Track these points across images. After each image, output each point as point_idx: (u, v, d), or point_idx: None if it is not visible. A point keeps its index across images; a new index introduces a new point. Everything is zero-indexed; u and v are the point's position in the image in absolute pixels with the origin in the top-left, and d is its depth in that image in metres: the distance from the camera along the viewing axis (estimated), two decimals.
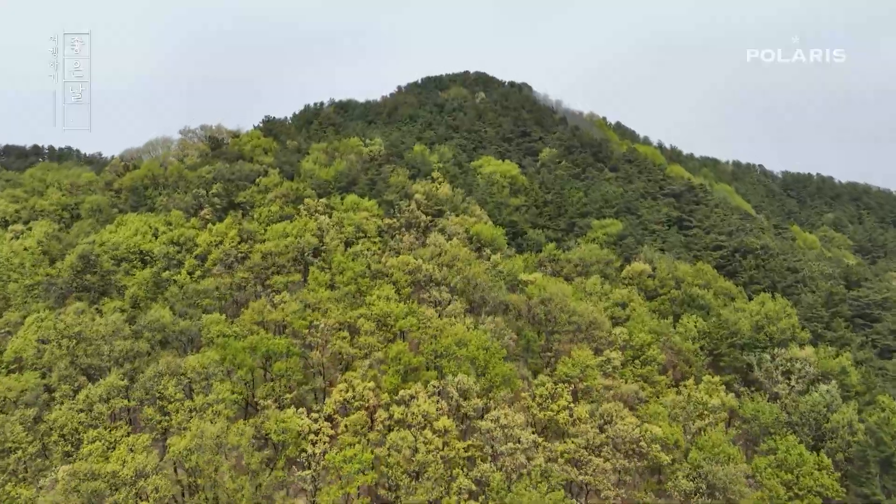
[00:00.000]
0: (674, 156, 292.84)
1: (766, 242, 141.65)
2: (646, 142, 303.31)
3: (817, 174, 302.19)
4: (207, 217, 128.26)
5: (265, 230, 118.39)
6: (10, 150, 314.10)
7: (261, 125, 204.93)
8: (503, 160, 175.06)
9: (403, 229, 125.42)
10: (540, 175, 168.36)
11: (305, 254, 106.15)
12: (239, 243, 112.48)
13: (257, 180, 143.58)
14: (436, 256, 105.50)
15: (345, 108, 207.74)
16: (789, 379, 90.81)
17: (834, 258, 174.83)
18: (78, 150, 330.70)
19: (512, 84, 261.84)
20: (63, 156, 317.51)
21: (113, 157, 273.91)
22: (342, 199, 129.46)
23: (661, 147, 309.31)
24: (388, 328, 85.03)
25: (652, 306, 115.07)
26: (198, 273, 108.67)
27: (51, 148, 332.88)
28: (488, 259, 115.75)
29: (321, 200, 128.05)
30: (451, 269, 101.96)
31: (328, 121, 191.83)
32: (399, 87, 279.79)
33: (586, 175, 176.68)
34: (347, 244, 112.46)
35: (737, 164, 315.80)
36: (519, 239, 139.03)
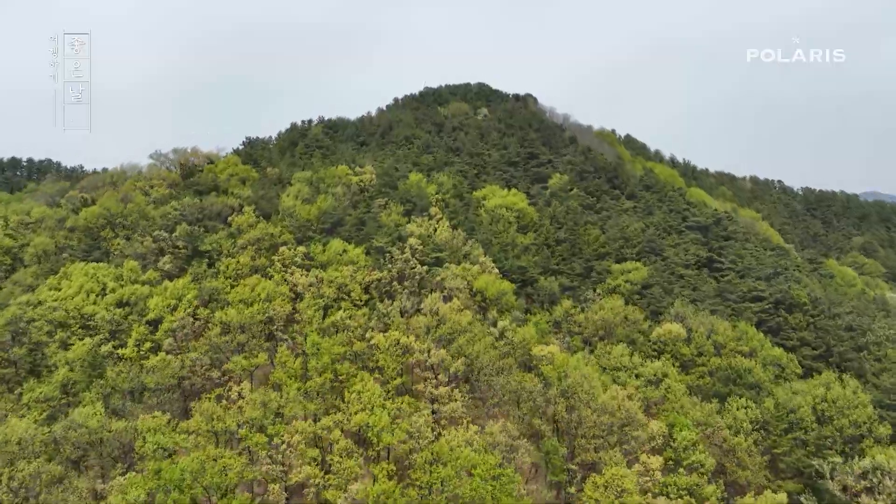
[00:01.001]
0: (687, 171, 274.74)
1: (814, 292, 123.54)
2: (658, 156, 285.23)
3: (840, 191, 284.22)
4: (167, 267, 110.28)
5: (231, 287, 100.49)
6: None
7: (241, 147, 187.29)
8: (509, 188, 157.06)
9: (395, 282, 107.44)
10: (550, 207, 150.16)
11: (275, 327, 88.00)
12: (197, 308, 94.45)
13: (230, 219, 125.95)
14: (433, 329, 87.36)
15: (334, 128, 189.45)
16: (874, 496, 72.70)
17: (878, 298, 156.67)
18: (59, 163, 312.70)
19: (517, 98, 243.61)
20: (43, 169, 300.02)
21: (94, 172, 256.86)
22: (325, 245, 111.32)
23: (673, 161, 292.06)
24: (369, 443, 66.95)
25: (689, 380, 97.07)
26: (147, 345, 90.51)
27: (30, 160, 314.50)
28: (494, 325, 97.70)
29: (299, 249, 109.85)
30: (451, 347, 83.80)
31: (315, 143, 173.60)
32: (396, 100, 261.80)
33: (601, 205, 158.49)
34: (327, 308, 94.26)
35: (754, 181, 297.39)
36: (529, 288, 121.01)
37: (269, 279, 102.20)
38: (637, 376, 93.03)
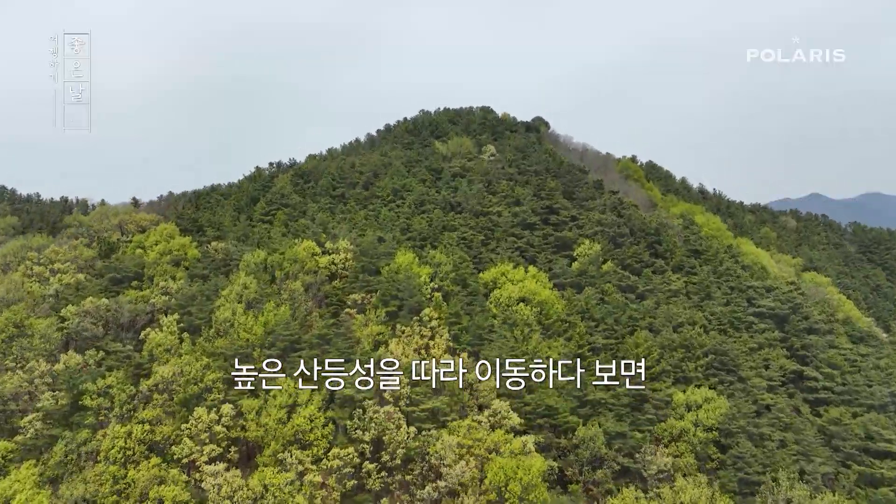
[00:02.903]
0: (721, 206, 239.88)
1: None
2: (684, 185, 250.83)
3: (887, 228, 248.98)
4: (31, 432, 74.87)
5: (111, 488, 65.03)
6: None
7: (191, 201, 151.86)
8: (526, 265, 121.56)
9: (367, 462, 71.96)
10: (582, 297, 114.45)
11: None
12: None
13: (143, 334, 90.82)
14: None
15: (306, 178, 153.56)
16: None
17: None
18: (14, 190, 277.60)
19: (527, 127, 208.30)
20: None
21: (51, 200, 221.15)
22: (267, 397, 75.75)
23: (702, 192, 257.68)
24: None
25: None
26: None
27: None
28: None
29: (225, 408, 73.98)
30: None
31: (280, 200, 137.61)
32: (387, 127, 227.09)
33: (644, 286, 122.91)
34: None
35: (795, 215, 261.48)
36: (562, 438, 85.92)
37: (173, 470, 66.75)
38: None
